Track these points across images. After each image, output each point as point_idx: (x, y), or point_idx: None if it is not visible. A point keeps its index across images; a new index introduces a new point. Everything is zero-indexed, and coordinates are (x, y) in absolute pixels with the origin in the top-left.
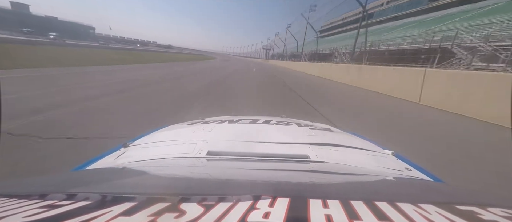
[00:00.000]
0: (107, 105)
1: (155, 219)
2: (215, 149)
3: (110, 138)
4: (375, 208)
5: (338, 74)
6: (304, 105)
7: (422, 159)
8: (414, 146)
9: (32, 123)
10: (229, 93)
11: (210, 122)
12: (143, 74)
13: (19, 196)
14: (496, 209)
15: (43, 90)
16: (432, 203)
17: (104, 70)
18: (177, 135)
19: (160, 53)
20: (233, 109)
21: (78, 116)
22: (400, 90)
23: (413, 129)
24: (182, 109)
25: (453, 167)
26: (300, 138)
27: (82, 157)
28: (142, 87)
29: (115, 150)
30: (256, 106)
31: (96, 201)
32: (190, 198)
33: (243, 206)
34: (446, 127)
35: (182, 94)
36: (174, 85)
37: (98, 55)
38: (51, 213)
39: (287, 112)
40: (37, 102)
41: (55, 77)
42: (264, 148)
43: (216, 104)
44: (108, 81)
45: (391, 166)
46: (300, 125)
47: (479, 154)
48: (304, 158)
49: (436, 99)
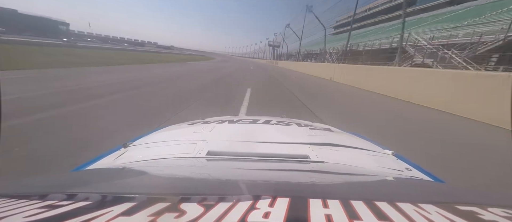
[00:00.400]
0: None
1: (155, 219)
2: (215, 149)
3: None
4: (375, 208)
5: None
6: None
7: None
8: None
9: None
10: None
11: (210, 122)
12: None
13: (19, 196)
14: (497, 209)
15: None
16: (432, 203)
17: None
18: (177, 135)
19: (152, 53)
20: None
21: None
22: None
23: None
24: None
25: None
26: (300, 138)
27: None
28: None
29: (115, 150)
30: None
31: (96, 201)
32: (190, 198)
33: (243, 206)
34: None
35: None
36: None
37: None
38: (51, 213)
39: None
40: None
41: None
42: (264, 148)
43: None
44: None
45: (391, 166)
46: (300, 125)
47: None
48: (304, 158)
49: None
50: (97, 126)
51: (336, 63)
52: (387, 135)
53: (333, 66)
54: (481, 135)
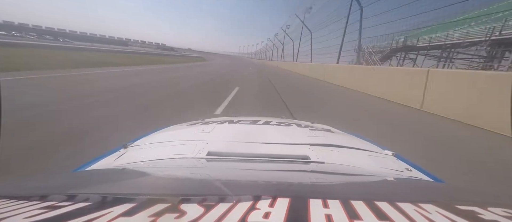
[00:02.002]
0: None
1: (155, 219)
2: (215, 150)
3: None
4: (376, 208)
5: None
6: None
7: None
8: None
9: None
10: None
11: (210, 123)
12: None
13: (19, 197)
14: (497, 209)
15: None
16: (432, 203)
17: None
18: (177, 136)
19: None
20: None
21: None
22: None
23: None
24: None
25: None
26: (300, 138)
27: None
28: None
29: (115, 150)
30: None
31: (96, 202)
32: (190, 199)
33: (243, 206)
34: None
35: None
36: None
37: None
38: (51, 214)
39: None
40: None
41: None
42: (264, 149)
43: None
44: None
45: (391, 167)
46: (300, 125)
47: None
48: (304, 158)
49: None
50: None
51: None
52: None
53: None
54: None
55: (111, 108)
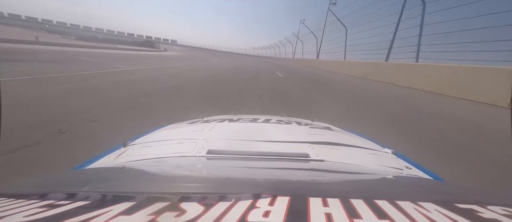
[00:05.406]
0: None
1: (155, 218)
2: (215, 148)
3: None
4: (375, 206)
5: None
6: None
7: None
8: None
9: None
10: None
11: (210, 121)
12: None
13: (19, 196)
14: (497, 208)
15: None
16: (432, 202)
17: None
18: (177, 134)
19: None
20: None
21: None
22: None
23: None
24: None
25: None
26: (300, 136)
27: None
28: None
29: (114, 149)
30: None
31: (96, 200)
32: (190, 197)
33: (243, 205)
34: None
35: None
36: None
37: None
38: (51, 213)
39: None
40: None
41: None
42: (264, 147)
43: None
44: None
45: (391, 165)
46: (300, 123)
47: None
48: (304, 156)
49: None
50: None
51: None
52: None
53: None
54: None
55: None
